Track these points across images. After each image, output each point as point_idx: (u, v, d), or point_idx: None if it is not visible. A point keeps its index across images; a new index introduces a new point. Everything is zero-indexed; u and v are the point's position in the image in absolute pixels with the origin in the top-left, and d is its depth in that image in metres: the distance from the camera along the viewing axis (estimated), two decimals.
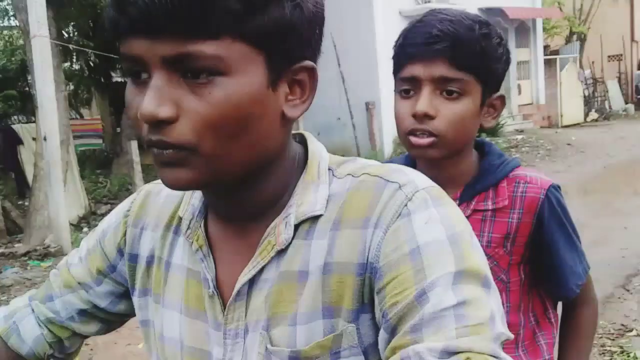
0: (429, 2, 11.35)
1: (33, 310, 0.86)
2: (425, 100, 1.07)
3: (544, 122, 15.10)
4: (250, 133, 0.62)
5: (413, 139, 1.10)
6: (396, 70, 1.13)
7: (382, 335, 0.61)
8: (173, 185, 0.62)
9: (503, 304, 1.10)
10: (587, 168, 9.50)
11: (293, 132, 0.74)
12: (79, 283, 0.84)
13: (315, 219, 0.67)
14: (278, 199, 0.70)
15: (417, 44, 1.08)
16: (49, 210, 6.30)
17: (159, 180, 0.71)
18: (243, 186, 0.68)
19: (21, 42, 10.45)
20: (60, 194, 6.15)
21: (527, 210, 1.11)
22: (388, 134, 10.91)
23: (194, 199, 0.75)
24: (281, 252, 0.67)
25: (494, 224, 1.13)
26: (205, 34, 0.57)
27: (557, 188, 1.14)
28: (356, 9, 10.88)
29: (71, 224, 6.72)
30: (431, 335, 0.56)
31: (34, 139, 7.79)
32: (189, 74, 0.59)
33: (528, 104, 15.38)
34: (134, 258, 0.80)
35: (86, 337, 0.87)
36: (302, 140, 0.75)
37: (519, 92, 14.80)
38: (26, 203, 7.87)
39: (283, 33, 0.60)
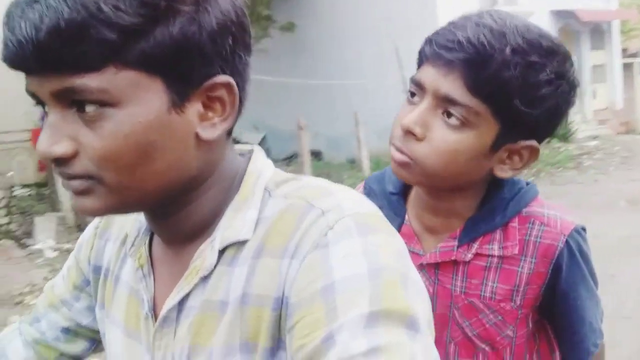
0: (496, 3, 10.73)
1: (21, 332, 0.86)
2: (416, 115, 0.86)
3: (621, 128, 14.26)
4: (157, 161, 0.58)
5: (392, 151, 0.91)
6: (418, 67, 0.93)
7: None
8: (82, 212, 0.61)
9: (505, 359, 0.96)
10: None
11: (249, 147, 0.70)
12: (61, 301, 0.83)
13: (242, 244, 0.62)
14: (212, 219, 0.65)
15: (435, 44, 0.86)
16: None
17: None
18: (171, 209, 0.64)
19: None
20: None
21: (542, 259, 0.92)
22: None
23: (142, 215, 0.71)
24: (206, 279, 0.63)
25: (500, 272, 0.93)
26: (85, 67, 0.54)
27: (579, 232, 0.93)
28: (420, 12, 10.47)
29: None
30: None
31: None
32: (80, 108, 0.56)
33: (603, 109, 14.63)
34: (97, 270, 0.79)
35: (76, 359, 0.86)
36: None
37: (594, 97, 14.20)
38: None
39: (177, 53, 0.55)
